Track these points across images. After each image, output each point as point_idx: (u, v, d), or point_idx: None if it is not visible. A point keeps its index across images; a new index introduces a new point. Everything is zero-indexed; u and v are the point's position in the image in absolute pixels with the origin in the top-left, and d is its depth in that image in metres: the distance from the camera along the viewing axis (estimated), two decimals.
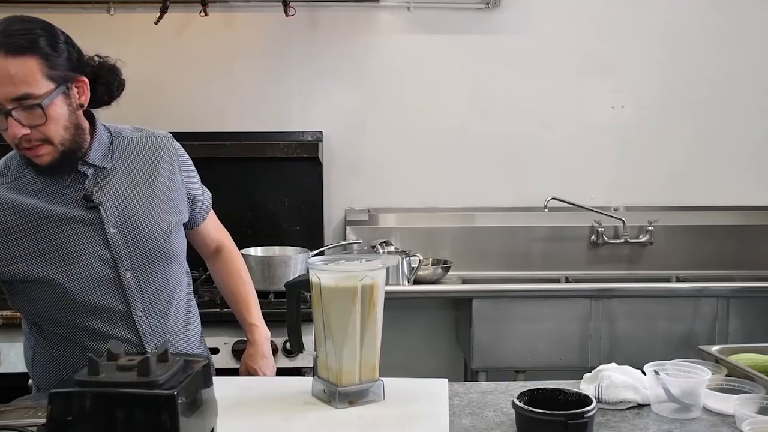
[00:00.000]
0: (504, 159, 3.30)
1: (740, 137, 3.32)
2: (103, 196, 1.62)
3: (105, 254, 1.61)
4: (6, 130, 1.48)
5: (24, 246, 1.57)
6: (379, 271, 1.56)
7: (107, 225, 1.61)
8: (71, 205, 1.59)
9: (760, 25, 3.28)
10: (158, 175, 1.70)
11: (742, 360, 1.73)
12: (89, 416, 1.06)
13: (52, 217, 1.58)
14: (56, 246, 1.58)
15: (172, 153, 1.76)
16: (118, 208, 1.63)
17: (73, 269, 1.58)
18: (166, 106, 3.20)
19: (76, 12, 3.15)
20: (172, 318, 1.72)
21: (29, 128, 1.48)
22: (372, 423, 1.47)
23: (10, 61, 1.45)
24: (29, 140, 1.49)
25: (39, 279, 1.58)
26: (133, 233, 1.63)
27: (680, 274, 3.23)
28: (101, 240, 1.60)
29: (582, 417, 1.34)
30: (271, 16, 3.13)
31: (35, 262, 1.57)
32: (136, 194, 1.66)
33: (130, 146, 1.71)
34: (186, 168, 1.79)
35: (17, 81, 1.45)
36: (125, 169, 1.67)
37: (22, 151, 1.53)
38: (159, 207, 1.68)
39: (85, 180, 1.61)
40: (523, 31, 3.25)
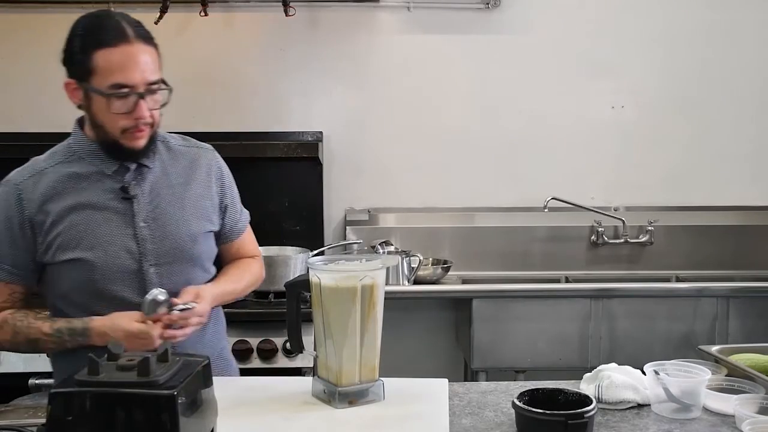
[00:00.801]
0: (504, 159, 3.30)
1: (740, 137, 3.32)
2: (138, 191, 1.68)
3: (132, 246, 1.66)
4: (131, 112, 1.59)
5: (56, 229, 1.63)
6: (379, 271, 1.56)
7: (138, 218, 1.67)
8: (108, 194, 1.66)
9: (760, 24, 3.28)
10: (194, 181, 1.76)
11: (742, 360, 1.73)
12: (89, 416, 1.06)
13: (88, 203, 1.65)
14: (87, 232, 1.63)
15: (210, 164, 1.82)
16: (150, 204, 1.69)
17: (99, 256, 1.63)
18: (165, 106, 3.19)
19: (76, 12, 3.08)
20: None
21: (148, 112, 1.62)
22: (372, 423, 1.47)
23: (147, 49, 1.62)
24: (144, 123, 1.62)
25: (67, 260, 1.63)
26: (161, 230, 1.68)
27: (680, 274, 3.22)
28: (130, 232, 1.66)
29: (582, 417, 1.34)
30: (271, 16, 3.13)
31: (66, 245, 1.63)
32: (170, 195, 1.72)
33: (173, 152, 1.78)
34: (224, 181, 1.83)
35: (153, 67, 1.62)
36: (164, 171, 1.74)
37: (125, 134, 1.62)
38: (190, 211, 1.73)
39: (126, 173, 1.68)
40: (523, 31, 3.25)
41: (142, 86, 1.59)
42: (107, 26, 1.60)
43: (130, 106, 1.60)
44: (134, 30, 1.61)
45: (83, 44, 1.61)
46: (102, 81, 1.58)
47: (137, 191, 1.68)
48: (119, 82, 1.58)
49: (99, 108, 1.62)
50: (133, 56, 1.59)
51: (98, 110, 1.62)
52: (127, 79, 1.58)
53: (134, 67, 1.58)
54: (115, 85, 1.58)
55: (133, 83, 1.58)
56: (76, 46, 1.63)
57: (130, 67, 1.58)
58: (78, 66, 1.62)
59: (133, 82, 1.58)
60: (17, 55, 3.15)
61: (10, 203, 1.65)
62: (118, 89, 1.58)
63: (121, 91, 1.58)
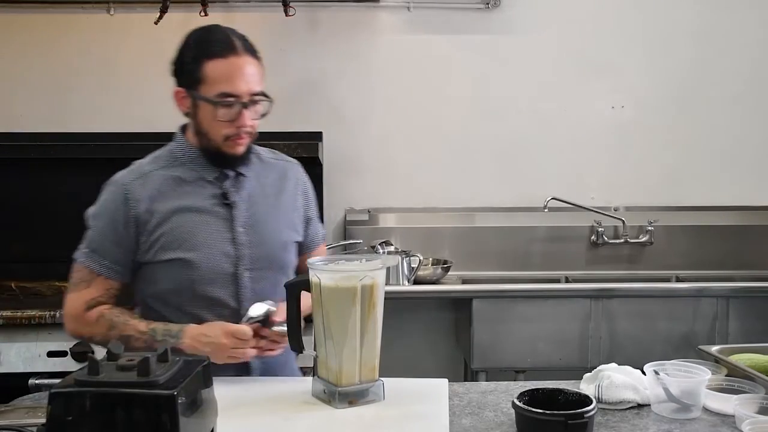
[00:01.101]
0: (504, 159, 3.30)
1: (740, 137, 3.32)
2: (237, 197, 1.77)
3: (230, 250, 1.73)
4: (234, 120, 1.69)
5: (161, 230, 1.71)
6: (379, 271, 1.56)
7: (237, 223, 1.75)
8: (208, 199, 1.75)
9: (759, 24, 3.29)
10: (284, 193, 1.86)
11: (742, 360, 1.73)
12: (89, 416, 1.06)
13: (191, 207, 1.74)
14: (190, 234, 1.72)
15: (297, 177, 1.91)
16: (248, 211, 1.77)
17: (200, 257, 1.71)
18: (166, 106, 3.18)
19: (76, 12, 3.15)
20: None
21: (250, 121, 1.71)
22: (372, 423, 1.47)
23: (254, 62, 1.72)
24: (246, 132, 1.72)
25: (168, 259, 1.71)
26: (257, 236, 1.76)
27: (680, 274, 3.23)
28: (229, 237, 1.74)
29: (582, 417, 1.34)
30: (271, 16, 3.13)
31: (168, 245, 1.71)
32: (265, 203, 1.81)
33: (264, 164, 1.87)
34: (308, 194, 1.93)
35: (257, 79, 1.71)
36: (258, 180, 1.82)
37: (227, 142, 1.71)
38: (281, 220, 1.83)
39: (226, 180, 1.77)
40: (523, 31, 3.25)
41: (246, 96, 1.69)
42: (217, 39, 1.71)
43: (234, 115, 1.69)
44: (242, 43, 1.71)
45: (195, 55, 1.71)
46: (210, 90, 1.68)
47: (236, 198, 1.77)
48: (226, 91, 1.67)
49: (205, 115, 1.71)
50: (240, 68, 1.68)
51: (204, 118, 1.72)
52: (234, 88, 1.67)
53: (241, 78, 1.68)
54: (222, 94, 1.67)
55: (238, 93, 1.68)
56: (188, 56, 1.73)
57: (237, 77, 1.68)
58: (188, 75, 1.72)
59: (239, 92, 1.68)
60: (17, 55, 3.15)
61: (117, 202, 1.74)
62: (224, 98, 1.67)
63: (227, 99, 1.67)
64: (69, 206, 3.12)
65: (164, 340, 1.66)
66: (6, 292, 2.76)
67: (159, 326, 1.70)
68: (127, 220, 1.72)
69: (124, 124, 3.14)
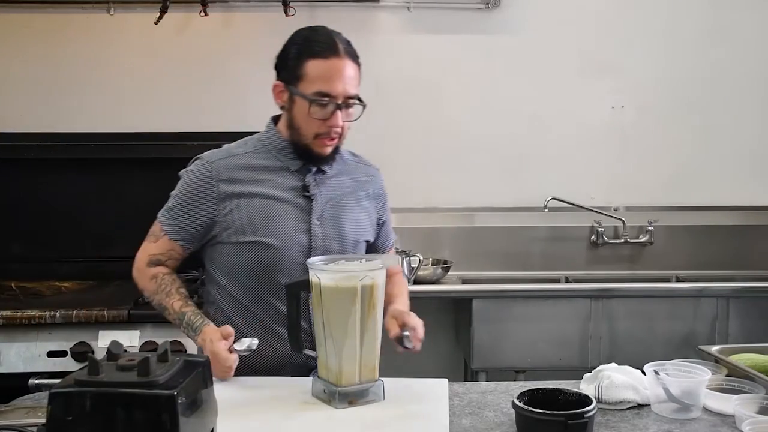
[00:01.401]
0: (504, 159, 3.30)
1: (740, 137, 3.32)
2: (317, 191, 1.83)
3: (304, 240, 1.79)
4: (326, 119, 1.74)
5: (239, 212, 1.78)
6: (379, 271, 1.56)
7: (314, 215, 1.81)
8: (289, 189, 1.82)
9: (760, 24, 3.29)
10: (361, 194, 1.91)
11: (742, 360, 1.73)
12: (89, 416, 1.06)
13: (272, 194, 1.80)
14: (268, 219, 1.78)
15: (375, 182, 1.97)
16: (325, 205, 1.83)
17: (274, 243, 1.76)
18: (166, 106, 3.20)
19: (76, 12, 3.15)
20: None
21: (342, 122, 1.76)
22: (372, 423, 1.47)
23: (352, 65, 1.77)
24: (335, 132, 1.77)
25: (247, 242, 1.77)
26: (331, 230, 1.82)
27: (680, 274, 3.23)
28: (305, 227, 1.80)
29: (582, 417, 1.34)
30: (271, 16, 3.13)
31: (245, 228, 1.77)
32: (342, 201, 1.86)
33: (346, 165, 1.93)
34: (384, 200, 1.98)
35: (354, 83, 1.77)
36: (338, 178, 1.88)
37: (316, 140, 1.77)
38: (355, 219, 1.87)
39: (307, 173, 1.83)
40: (523, 31, 3.25)
41: (341, 98, 1.74)
42: (322, 40, 1.76)
43: (327, 114, 1.75)
44: (344, 47, 1.76)
45: (299, 52, 1.76)
46: (308, 87, 1.74)
47: (316, 191, 1.83)
48: (323, 90, 1.73)
49: (299, 111, 1.76)
50: (339, 70, 1.74)
51: (298, 113, 1.77)
52: (330, 89, 1.73)
53: (338, 80, 1.73)
54: (318, 93, 1.73)
55: (334, 93, 1.73)
56: (292, 53, 1.78)
57: (335, 79, 1.73)
58: (290, 71, 1.77)
59: (335, 93, 1.73)
60: (17, 55, 3.15)
61: (201, 178, 1.81)
62: (320, 97, 1.73)
63: (322, 99, 1.73)
64: (69, 206, 3.14)
65: (187, 327, 1.75)
66: (6, 292, 2.76)
67: (189, 313, 1.76)
68: (206, 197, 1.80)
69: (124, 124, 3.14)
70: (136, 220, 3.13)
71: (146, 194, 3.13)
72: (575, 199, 3.23)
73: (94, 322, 2.46)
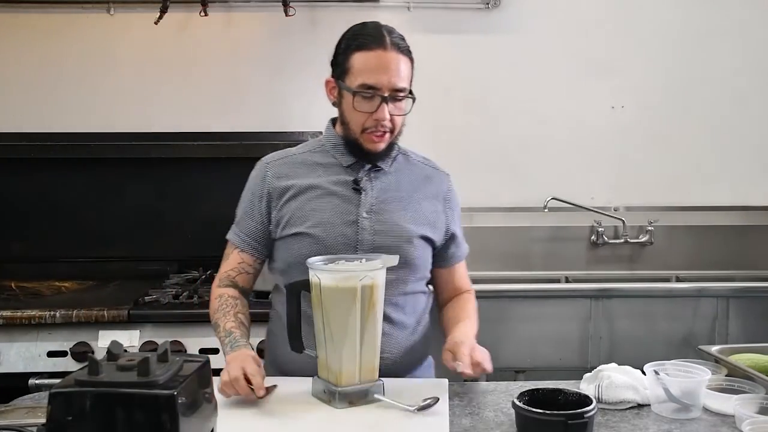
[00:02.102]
0: (504, 159, 3.30)
1: (740, 137, 3.32)
2: (368, 186, 1.81)
3: (349, 233, 1.76)
4: (372, 112, 1.73)
5: (289, 206, 1.79)
6: (379, 271, 1.56)
7: (362, 208, 1.78)
8: (340, 183, 1.81)
9: (760, 24, 3.28)
10: (421, 193, 1.87)
11: (742, 360, 1.73)
12: (89, 416, 1.06)
13: (320, 186, 1.80)
14: (315, 211, 1.78)
15: (441, 185, 1.93)
16: (376, 199, 1.80)
17: (319, 233, 1.76)
18: (166, 106, 3.20)
19: (76, 12, 3.14)
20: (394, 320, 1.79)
21: (389, 115, 1.73)
22: (372, 423, 1.47)
23: (401, 59, 1.75)
24: (384, 126, 1.75)
25: (294, 233, 1.78)
26: (380, 223, 1.78)
27: (680, 274, 3.22)
28: (352, 220, 1.78)
29: (582, 417, 1.34)
30: (271, 16, 3.12)
31: (294, 221, 1.78)
32: (396, 197, 1.83)
33: (410, 165, 1.91)
34: (452, 205, 1.93)
35: (402, 75, 1.74)
36: (397, 177, 1.86)
37: (364, 134, 1.76)
38: (411, 214, 1.83)
39: (361, 169, 1.82)
40: (523, 31, 3.25)
41: (387, 90, 1.72)
42: (369, 33, 1.77)
43: (373, 107, 1.73)
44: (392, 39, 1.75)
45: (346, 46, 1.77)
46: (353, 80, 1.73)
47: (367, 186, 1.81)
48: (367, 83, 1.72)
49: (347, 105, 1.76)
50: (385, 62, 1.72)
51: (346, 107, 1.77)
52: (375, 81, 1.71)
53: (383, 72, 1.71)
54: (362, 85, 1.72)
55: (379, 86, 1.71)
56: (341, 47, 1.79)
57: (380, 71, 1.71)
58: (339, 65, 1.78)
59: (379, 85, 1.71)
60: (17, 55, 3.15)
61: (257, 179, 1.86)
62: (364, 89, 1.72)
63: (366, 91, 1.72)
64: (69, 206, 3.14)
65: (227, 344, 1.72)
66: (6, 292, 2.76)
67: (236, 334, 1.73)
68: (262, 195, 1.83)
69: (124, 124, 3.14)
70: (136, 220, 3.17)
71: (146, 194, 3.17)
72: (575, 199, 3.23)
73: (94, 322, 2.46)
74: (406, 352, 1.81)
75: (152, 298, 2.62)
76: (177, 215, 3.16)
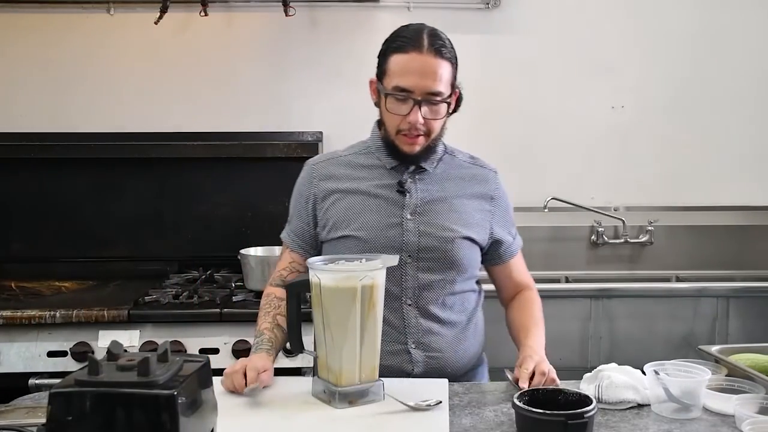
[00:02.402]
0: (504, 159, 3.27)
1: (740, 137, 3.32)
2: (413, 188, 1.82)
3: (394, 235, 1.78)
4: (406, 115, 1.73)
5: (334, 208, 1.82)
6: (379, 271, 1.56)
7: (406, 210, 1.80)
8: (384, 186, 1.82)
9: (760, 24, 3.28)
10: (467, 192, 1.87)
11: (742, 360, 1.73)
12: (89, 416, 1.06)
13: (365, 190, 1.82)
14: (360, 214, 1.79)
15: (488, 183, 1.92)
16: (420, 201, 1.81)
17: (364, 236, 1.77)
18: (166, 106, 3.20)
19: (76, 12, 3.15)
20: (443, 319, 1.81)
21: (422, 119, 1.73)
22: (372, 423, 1.47)
23: (439, 62, 1.72)
24: (417, 129, 1.74)
25: (340, 236, 1.80)
26: (424, 224, 1.79)
27: (680, 274, 3.23)
28: (396, 221, 1.79)
29: (582, 417, 1.34)
30: (271, 16, 3.13)
31: (339, 224, 1.80)
32: (441, 198, 1.83)
33: (456, 165, 1.91)
34: (499, 202, 1.92)
35: (437, 79, 1.72)
36: (442, 177, 1.86)
37: (399, 136, 1.77)
38: (456, 215, 1.83)
39: (405, 171, 1.82)
40: (523, 31, 3.25)
41: (420, 94, 1.71)
42: (408, 35, 1.75)
43: (405, 110, 1.73)
44: (430, 42, 1.73)
45: (386, 47, 1.78)
46: (389, 82, 1.74)
47: (411, 188, 1.81)
48: (400, 85, 1.72)
49: (383, 106, 1.78)
50: (420, 65, 1.71)
51: (383, 108, 1.79)
52: (408, 83, 1.71)
53: (417, 75, 1.71)
54: (396, 87, 1.72)
55: (411, 88, 1.71)
56: (382, 48, 1.79)
57: (414, 74, 1.71)
58: (379, 66, 1.79)
59: (411, 88, 1.71)
60: (17, 55, 3.15)
61: (305, 180, 1.89)
62: (398, 92, 1.72)
63: (399, 93, 1.72)
64: (69, 206, 3.15)
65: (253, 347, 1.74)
66: (6, 292, 2.76)
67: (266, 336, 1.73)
68: (308, 197, 1.86)
69: (124, 124, 3.14)
70: (136, 220, 3.17)
71: (146, 194, 3.17)
72: (575, 199, 3.23)
73: (94, 322, 2.46)
74: (457, 349, 1.83)
75: (152, 298, 2.62)
76: (177, 215, 3.16)
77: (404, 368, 1.76)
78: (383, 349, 1.66)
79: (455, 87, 1.79)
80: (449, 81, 1.76)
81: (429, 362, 1.78)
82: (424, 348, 1.78)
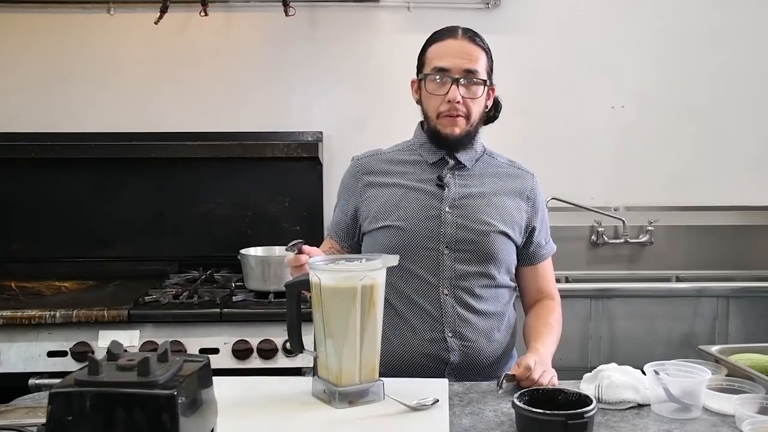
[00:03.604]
0: None
1: (740, 137, 3.32)
2: (452, 182, 1.88)
3: (433, 226, 1.84)
4: (445, 94, 1.82)
5: (376, 201, 1.89)
6: (379, 271, 1.56)
7: (444, 203, 1.86)
8: (425, 180, 1.89)
9: (760, 25, 3.29)
10: (504, 190, 1.92)
11: (742, 360, 1.73)
12: (89, 416, 1.06)
13: (406, 183, 1.89)
14: (400, 206, 1.86)
15: (525, 184, 1.97)
16: (459, 195, 1.87)
17: (403, 226, 1.84)
18: (166, 106, 3.20)
19: (76, 12, 3.15)
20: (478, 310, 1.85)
21: (461, 98, 1.81)
22: (372, 423, 1.47)
23: (471, 46, 1.85)
24: (456, 109, 1.82)
25: (380, 227, 1.86)
26: (461, 217, 1.85)
27: (680, 274, 3.23)
28: (435, 214, 1.85)
29: (582, 417, 1.34)
30: (271, 16, 3.13)
31: (380, 215, 1.87)
32: (479, 193, 1.89)
33: (494, 165, 1.97)
34: (536, 205, 1.96)
35: (472, 59, 1.83)
36: (480, 175, 1.93)
37: (440, 119, 1.85)
38: (493, 210, 1.88)
39: (445, 166, 1.89)
40: (523, 31, 3.25)
41: (457, 72, 1.82)
42: (444, 29, 1.89)
43: (445, 89, 1.82)
44: (464, 31, 1.87)
45: (425, 45, 1.90)
46: (427, 68, 1.86)
47: (450, 182, 1.88)
48: (437, 65, 1.83)
49: (423, 93, 1.88)
50: (455, 47, 1.83)
51: (423, 96, 1.89)
52: (444, 62, 1.82)
53: (452, 55, 1.82)
54: (434, 69, 1.83)
55: (448, 67, 1.82)
56: (422, 49, 1.91)
57: (449, 54, 1.83)
58: (419, 62, 1.90)
59: (449, 66, 1.82)
60: (17, 55, 3.16)
61: (350, 173, 1.97)
62: (436, 72, 1.83)
63: (438, 73, 1.82)
64: (69, 206, 3.15)
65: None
66: (6, 292, 2.76)
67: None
68: (353, 190, 1.94)
69: (124, 124, 3.14)
70: (136, 220, 3.17)
71: (146, 194, 3.17)
72: (575, 199, 3.23)
73: (94, 322, 2.46)
74: (489, 339, 1.87)
75: (152, 298, 2.62)
76: (177, 215, 3.17)
77: (442, 356, 1.81)
78: (423, 337, 1.76)
79: (491, 79, 1.89)
80: (485, 67, 1.86)
81: (464, 351, 1.83)
82: (460, 337, 1.83)
